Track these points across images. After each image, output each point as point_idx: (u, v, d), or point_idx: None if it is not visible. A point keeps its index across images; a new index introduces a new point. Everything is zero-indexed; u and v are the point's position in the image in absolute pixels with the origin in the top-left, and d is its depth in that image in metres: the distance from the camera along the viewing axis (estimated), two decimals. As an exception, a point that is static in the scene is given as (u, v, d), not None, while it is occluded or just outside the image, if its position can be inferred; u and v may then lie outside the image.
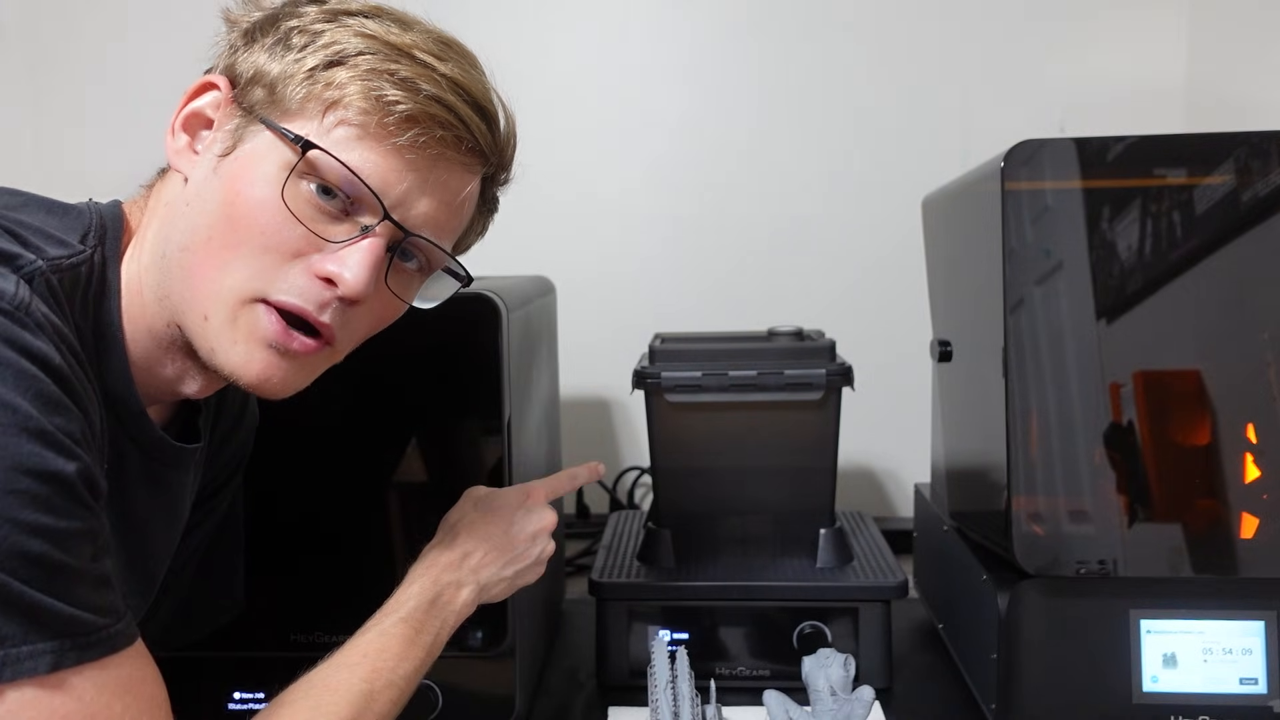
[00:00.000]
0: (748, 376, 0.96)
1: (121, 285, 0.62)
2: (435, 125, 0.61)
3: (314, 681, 0.63)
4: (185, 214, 0.61)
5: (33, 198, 0.61)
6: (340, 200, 0.61)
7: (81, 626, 0.50)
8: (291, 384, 0.63)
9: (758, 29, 1.43)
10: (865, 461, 1.47)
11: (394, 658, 0.66)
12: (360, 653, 0.66)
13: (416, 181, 0.62)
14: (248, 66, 0.62)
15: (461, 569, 0.74)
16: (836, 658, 0.86)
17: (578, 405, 1.45)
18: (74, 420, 0.52)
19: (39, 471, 0.49)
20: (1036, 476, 0.80)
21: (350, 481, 0.84)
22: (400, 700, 0.66)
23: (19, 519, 0.48)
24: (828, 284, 1.44)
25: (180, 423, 0.72)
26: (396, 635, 0.68)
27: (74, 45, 1.47)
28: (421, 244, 0.65)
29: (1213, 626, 0.78)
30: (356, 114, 0.60)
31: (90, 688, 0.50)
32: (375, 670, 0.65)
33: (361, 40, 0.61)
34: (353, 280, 0.60)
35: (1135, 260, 0.79)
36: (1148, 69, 1.39)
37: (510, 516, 0.78)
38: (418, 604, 0.71)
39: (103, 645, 0.51)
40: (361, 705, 0.63)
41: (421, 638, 0.69)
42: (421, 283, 0.69)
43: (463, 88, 0.63)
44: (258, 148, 0.60)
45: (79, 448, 0.52)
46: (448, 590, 0.73)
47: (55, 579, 0.49)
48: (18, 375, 0.49)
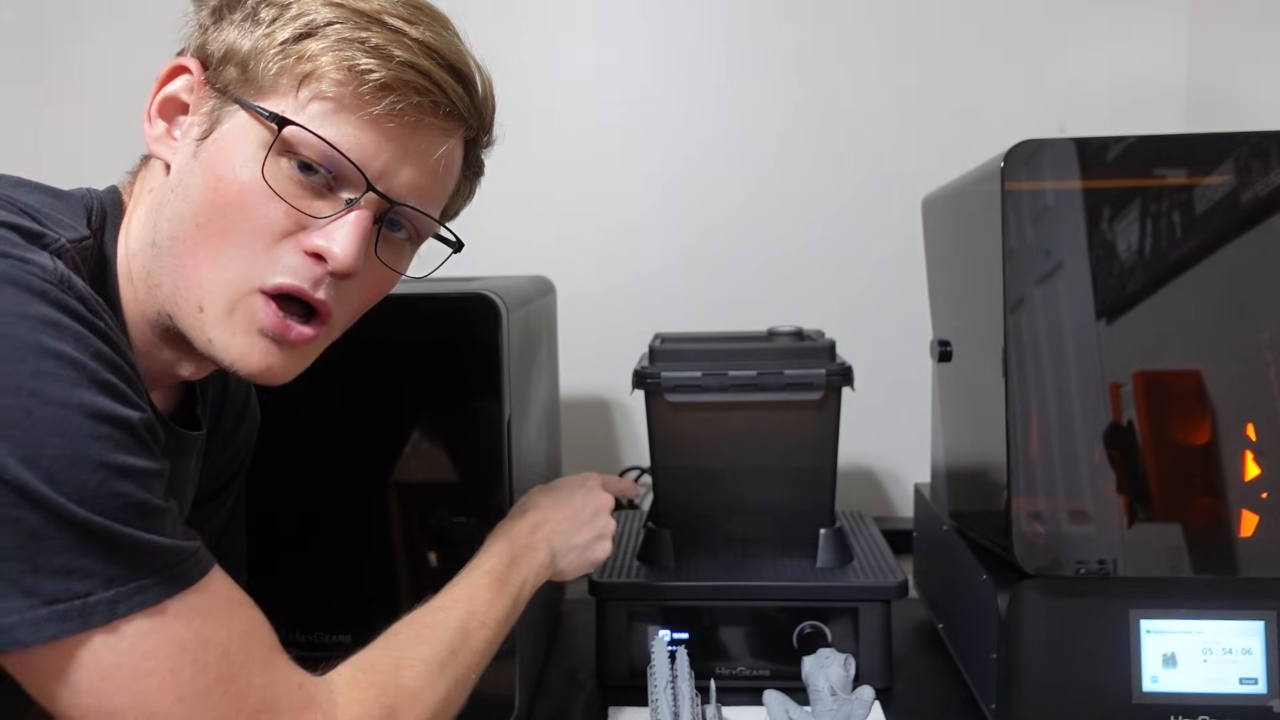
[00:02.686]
0: (748, 376, 0.96)
1: (118, 270, 0.62)
2: (411, 91, 0.60)
3: (414, 621, 0.68)
4: (171, 201, 0.61)
5: (36, 184, 0.61)
6: (322, 175, 0.60)
7: (175, 555, 0.53)
8: (292, 370, 0.64)
9: (758, 30, 1.43)
10: (865, 461, 1.47)
11: (485, 603, 0.72)
12: (453, 598, 0.71)
13: (397, 150, 0.62)
14: (218, 45, 0.62)
15: (535, 535, 0.80)
16: (836, 658, 0.86)
17: (578, 405, 1.45)
18: (128, 377, 0.54)
19: (115, 418, 0.51)
20: (1036, 476, 0.80)
21: (351, 481, 0.84)
22: (494, 641, 0.72)
23: (110, 461, 0.50)
24: (828, 284, 1.44)
25: (182, 411, 0.72)
26: (484, 585, 0.73)
27: (74, 45, 1.47)
28: (408, 213, 0.64)
29: (1212, 626, 0.78)
30: (331, 86, 0.59)
31: (195, 612, 0.53)
32: (470, 612, 0.70)
33: (330, 10, 0.60)
34: (342, 254, 0.60)
35: (1135, 260, 0.79)
36: (1148, 69, 1.39)
37: (572, 494, 0.86)
38: (499, 560, 0.76)
39: (195, 571, 0.54)
40: (459, 639, 0.68)
41: (507, 589, 0.74)
42: (413, 252, 0.69)
43: (436, 51, 0.62)
44: (235, 128, 0.60)
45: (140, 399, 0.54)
46: (525, 552, 0.78)
47: (146, 516, 0.52)
48: (76, 337, 0.51)
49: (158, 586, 0.52)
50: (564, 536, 0.83)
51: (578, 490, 0.87)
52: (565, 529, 0.83)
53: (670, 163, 1.45)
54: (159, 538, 0.52)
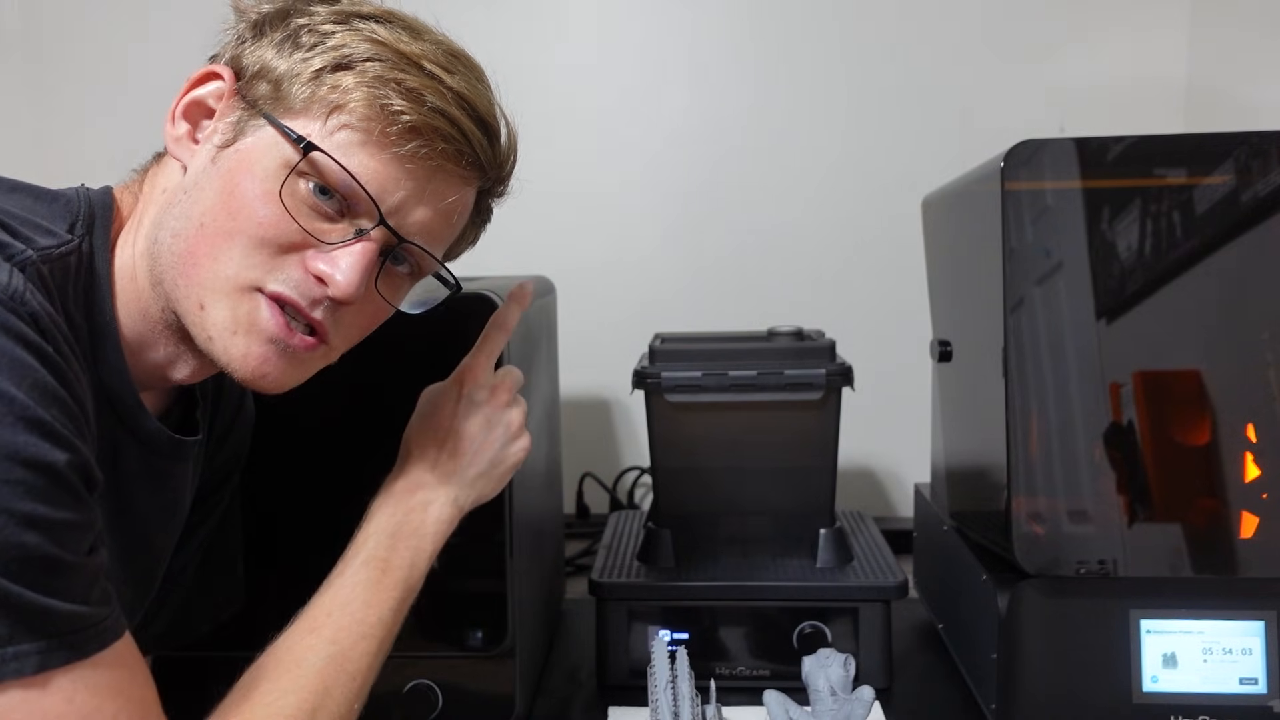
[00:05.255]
0: (748, 376, 0.96)
1: (114, 272, 0.62)
2: (437, 138, 0.61)
3: (278, 654, 0.61)
4: (182, 202, 0.61)
5: (19, 184, 0.61)
6: (337, 201, 0.61)
7: (71, 623, 0.49)
8: (286, 381, 0.63)
9: (758, 28, 1.43)
10: (865, 461, 1.47)
11: (361, 607, 0.63)
12: (324, 611, 0.63)
13: (414, 190, 0.62)
14: (254, 60, 0.62)
15: (421, 486, 0.70)
16: (836, 658, 0.86)
17: (578, 405, 1.45)
18: (70, 411, 0.51)
19: (35, 462, 0.48)
20: (1036, 476, 0.80)
21: (350, 481, 0.84)
22: (379, 650, 0.64)
23: (14, 509, 0.47)
24: (828, 284, 1.44)
25: (178, 416, 0.72)
26: (360, 582, 0.65)
27: (75, 45, 1.47)
28: (414, 250, 0.65)
29: (1212, 626, 0.78)
30: (360, 120, 0.60)
31: (81, 688, 0.49)
32: (341, 628, 0.62)
33: (371, 46, 0.61)
34: (344, 282, 0.60)
35: (1135, 260, 0.79)
36: (1148, 69, 1.39)
37: (453, 408, 0.73)
38: (378, 541, 0.67)
39: (93, 642, 0.50)
40: (332, 671, 0.60)
41: (390, 576, 0.66)
42: (410, 287, 0.69)
43: (468, 101, 0.63)
44: (259, 143, 0.60)
45: (75, 439, 0.51)
46: (412, 515, 0.69)
47: (48, 574, 0.48)
48: (13, 364, 0.49)
49: (39, 655, 0.47)
50: (461, 469, 0.71)
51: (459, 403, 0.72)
52: (458, 461, 0.71)
53: (671, 163, 1.45)
54: (54, 601, 0.48)
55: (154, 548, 0.70)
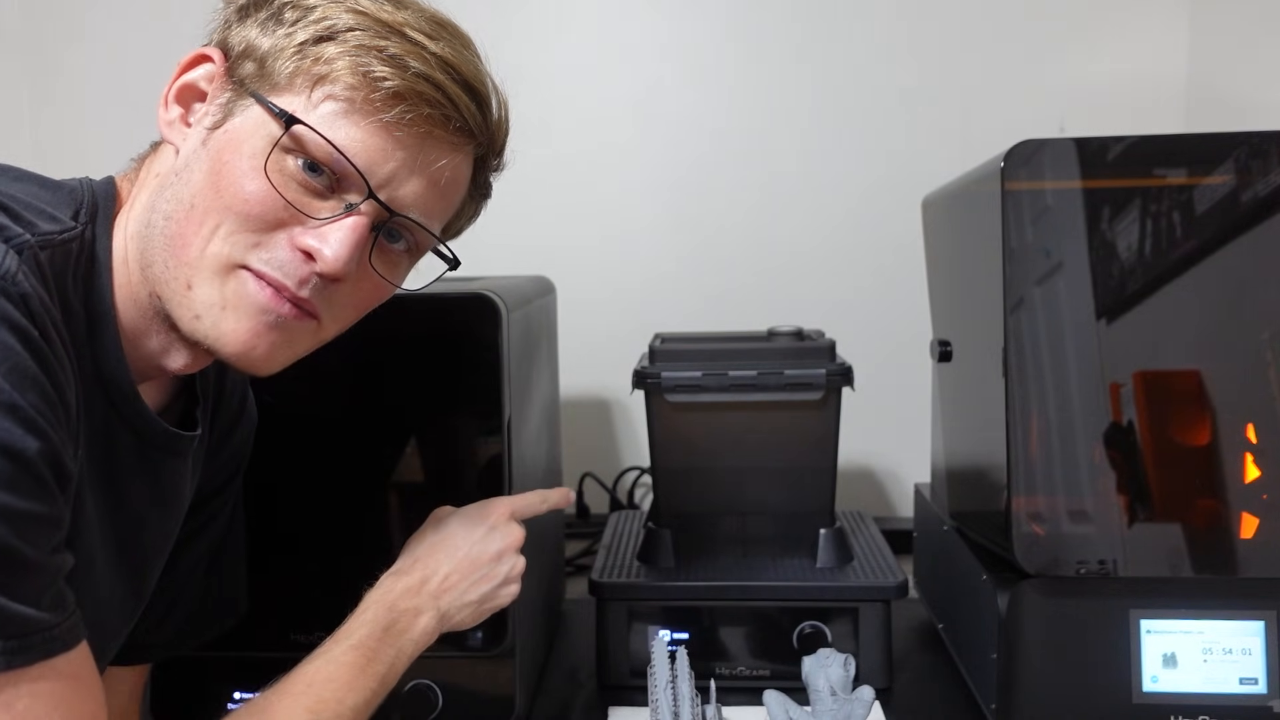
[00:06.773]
0: (748, 376, 0.96)
1: (112, 259, 0.62)
2: (422, 103, 0.61)
3: (253, 713, 0.61)
4: (174, 184, 0.61)
5: (26, 173, 0.61)
6: (326, 177, 0.60)
7: (21, 625, 0.47)
8: (276, 357, 0.63)
9: (760, 30, 1.43)
10: (865, 461, 1.47)
11: (342, 687, 0.64)
12: (305, 681, 0.63)
13: (404, 160, 0.62)
14: (240, 40, 0.62)
15: (420, 594, 0.71)
16: (836, 658, 0.86)
17: (578, 405, 1.45)
18: (48, 398, 0.51)
19: (4, 447, 0.47)
20: (1036, 476, 0.80)
21: (350, 481, 0.84)
22: None
23: None
24: (828, 284, 1.44)
25: (178, 412, 0.72)
26: (346, 664, 0.65)
27: (75, 44, 1.47)
28: (408, 225, 0.64)
29: (1212, 626, 0.78)
30: (343, 89, 0.59)
31: (24, 694, 0.47)
32: (321, 700, 0.62)
33: (353, 16, 0.61)
34: (332, 257, 0.60)
35: (1135, 260, 0.79)
36: (1148, 69, 1.39)
37: (471, 536, 0.74)
38: (370, 631, 0.68)
39: (38, 649, 0.48)
40: None
41: (373, 667, 0.66)
42: (411, 265, 0.69)
43: (452, 66, 0.62)
44: (246, 122, 0.60)
45: (49, 428, 0.50)
46: (404, 617, 0.70)
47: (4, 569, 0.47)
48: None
49: None
50: (458, 593, 0.73)
51: (478, 528, 0.75)
52: (460, 584, 0.73)
53: (670, 163, 1.45)
54: (5, 600, 0.46)
55: (147, 542, 0.70)
